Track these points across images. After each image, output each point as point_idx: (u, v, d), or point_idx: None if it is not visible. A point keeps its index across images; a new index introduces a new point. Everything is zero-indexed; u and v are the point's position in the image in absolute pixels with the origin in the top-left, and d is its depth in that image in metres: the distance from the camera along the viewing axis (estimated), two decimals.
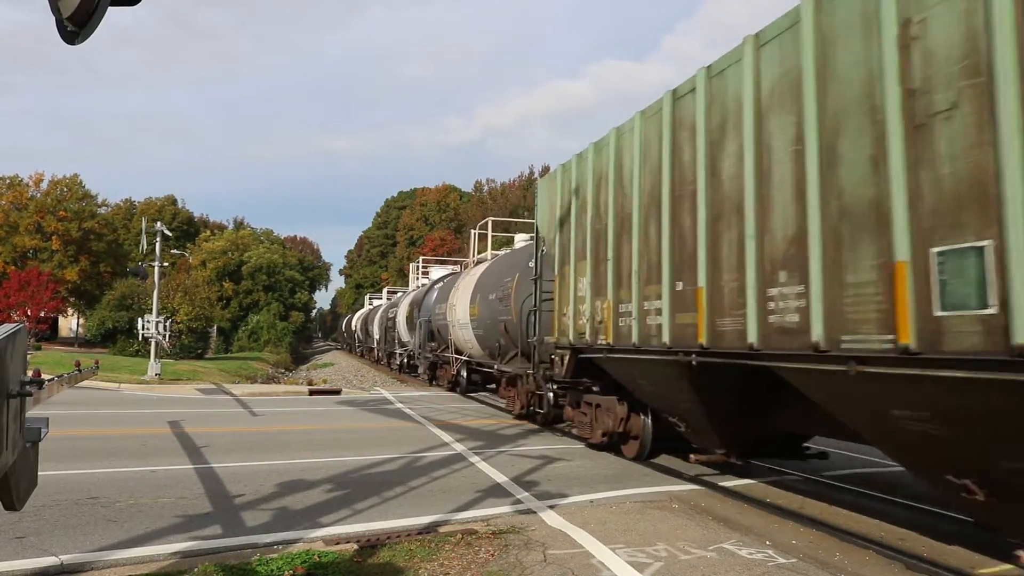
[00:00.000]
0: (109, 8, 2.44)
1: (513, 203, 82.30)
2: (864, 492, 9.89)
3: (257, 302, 77.26)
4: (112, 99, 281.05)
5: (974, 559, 7.05)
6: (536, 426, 16.45)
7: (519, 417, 17.68)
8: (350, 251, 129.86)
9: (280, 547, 7.00)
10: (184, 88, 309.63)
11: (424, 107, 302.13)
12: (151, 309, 32.02)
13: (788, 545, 7.44)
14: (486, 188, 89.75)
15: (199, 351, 47.63)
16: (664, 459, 12.13)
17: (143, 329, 30.83)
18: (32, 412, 2.86)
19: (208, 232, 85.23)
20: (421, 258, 48.11)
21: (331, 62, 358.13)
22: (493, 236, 27.95)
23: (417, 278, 43.54)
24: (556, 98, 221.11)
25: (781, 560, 6.88)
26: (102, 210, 60.39)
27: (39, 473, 3.13)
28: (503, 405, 19.96)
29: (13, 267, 48.84)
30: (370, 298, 70.21)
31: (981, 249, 4.98)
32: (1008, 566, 6.87)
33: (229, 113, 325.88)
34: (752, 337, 7.36)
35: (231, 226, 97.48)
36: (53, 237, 51.26)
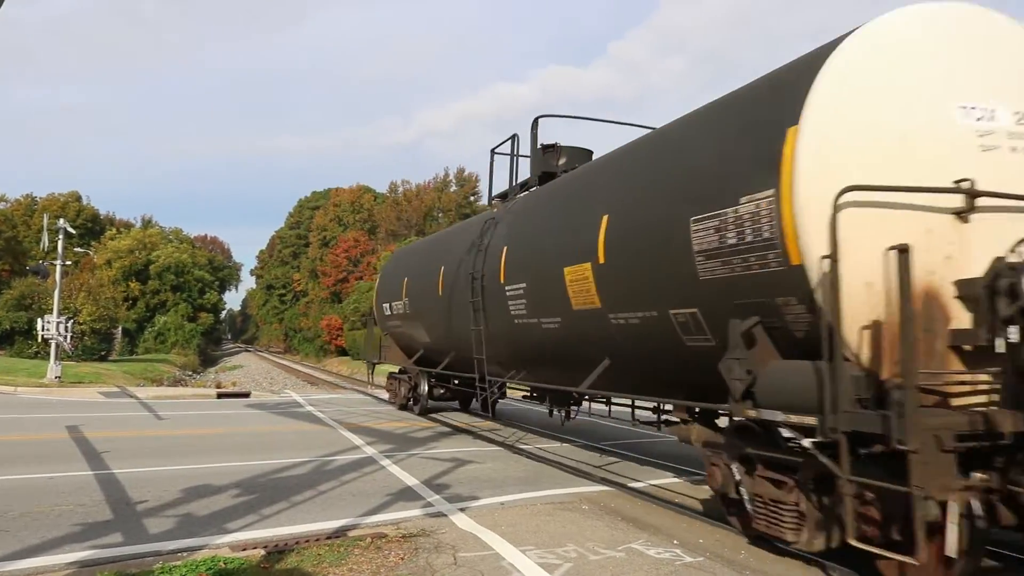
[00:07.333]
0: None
1: (427, 205, 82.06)
2: None
3: (164, 303, 75.22)
4: (21, 90, 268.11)
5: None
6: (448, 428, 16.44)
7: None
8: (261, 251, 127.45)
9: (184, 554, 6.84)
10: (109, 81, 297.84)
11: (362, 107, 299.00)
12: (52, 309, 30.86)
13: (695, 544, 7.63)
14: (401, 190, 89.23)
15: (103, 353, 46.16)
16: (575, 460, 12.31)
17: (43, 330, 29.56)
18: None
19: (114, 230, 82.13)
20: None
21: (272, 62, 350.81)
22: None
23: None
24: (498, 101, 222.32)
25: (688, 559, 7.06)
26: (0, 205, 57.70)
27: None
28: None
29: None
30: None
31: None
32: None
33: (151, 110, 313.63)
34: None
35: (139, 224, 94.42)
36: None
